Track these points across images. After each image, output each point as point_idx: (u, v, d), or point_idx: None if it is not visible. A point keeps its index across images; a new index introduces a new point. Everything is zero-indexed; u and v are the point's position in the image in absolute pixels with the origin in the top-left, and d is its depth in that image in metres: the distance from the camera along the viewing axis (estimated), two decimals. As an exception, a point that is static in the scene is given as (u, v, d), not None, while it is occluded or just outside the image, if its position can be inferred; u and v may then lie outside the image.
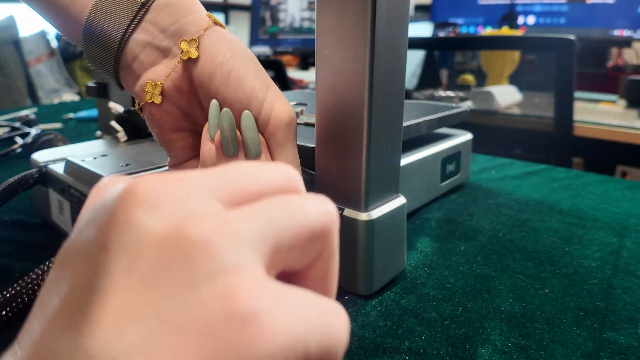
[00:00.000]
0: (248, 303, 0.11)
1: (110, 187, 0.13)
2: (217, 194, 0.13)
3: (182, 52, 0.29)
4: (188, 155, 0.32)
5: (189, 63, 0.29)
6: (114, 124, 0.53)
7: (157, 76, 0.30)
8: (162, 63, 0.30)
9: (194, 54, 0.29)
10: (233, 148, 0.28)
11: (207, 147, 0.29)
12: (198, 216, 0.12)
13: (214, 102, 0.28)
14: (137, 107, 0.31)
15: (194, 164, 0.32)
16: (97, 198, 0.14)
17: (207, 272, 0.11)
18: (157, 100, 0.29)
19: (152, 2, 0.29)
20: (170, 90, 0.30)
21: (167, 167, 0.39)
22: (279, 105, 0.29)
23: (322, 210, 0.14)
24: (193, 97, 0.30)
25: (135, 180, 0.13)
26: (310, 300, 0.13)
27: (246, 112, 0.28)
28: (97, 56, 0.30)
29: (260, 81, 0.29)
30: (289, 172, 0.15)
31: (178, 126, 0.31)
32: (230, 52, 0.29)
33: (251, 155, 0.28)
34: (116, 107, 0.53)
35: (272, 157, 0.29)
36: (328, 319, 0.13)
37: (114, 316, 0.11)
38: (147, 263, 0.11)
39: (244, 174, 0.14)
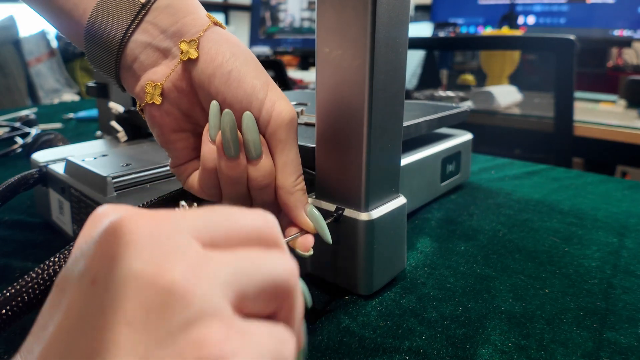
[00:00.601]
0: (217, 349, 0.13)
1: (103, 220, 0.15)
2: (198, 234, 0.15)
3: (182, 52, 0.29)
4: (189, 156, 0.32)
5: (189, 64, 0.29)
6: (114, 124, 0.53)
7: (157, 77, 0.30)
8: (162, 64, 0.30)
9: (193, 54, 0.29)
10: (234, 149, 0.28)
11: (208, 148, 0.29)
12: (175, 258, 0.14)
13: (214, 103, 0.28)
14: (138, 108, 0.31)
15: (195, 165, 0.32)
16: (91, 228, 0.15)
17: (184, 320, 0.13)
18: (157, 101, 0.29)
19: (153, 3, 0.29)
20: (170, 91, 0.30)
21: (168, 168, 0.39)
22: (280, 104, 0.29)
23: (286, 269, 0.16)
24: (193, 97, 0.30)
25: (123, 216, 0.14)
26: (266, 332, 0.15)
27: (247, 113, 0.28)
28: (98, 57, 0.30)
29: (260, 80, 0.29)
30: (267, 218, 0.17)
31: (179, 127, 0.31)
32: (229, 52, 0.29)
33: (252, 156, 0.28)
34: (116, 107, 0.53)
35: (273, 156, 0.29)
36: (279, 345, 0.15)
37: (100, 350, 0.12)
38: (131, 303, 0.13)
39: (227, 218, 0.16)
